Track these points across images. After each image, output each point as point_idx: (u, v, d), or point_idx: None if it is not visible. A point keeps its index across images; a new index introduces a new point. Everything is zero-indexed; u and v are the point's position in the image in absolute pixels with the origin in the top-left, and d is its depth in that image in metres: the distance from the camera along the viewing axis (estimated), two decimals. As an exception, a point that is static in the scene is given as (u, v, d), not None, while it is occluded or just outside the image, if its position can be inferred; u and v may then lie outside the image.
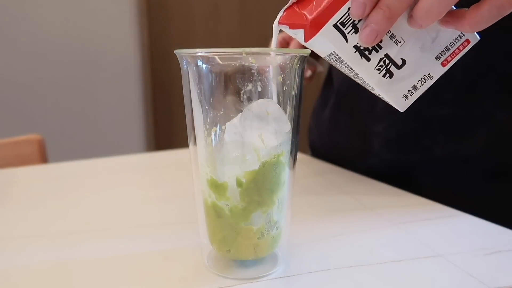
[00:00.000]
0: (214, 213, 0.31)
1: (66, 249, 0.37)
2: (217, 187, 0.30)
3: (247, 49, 0.28)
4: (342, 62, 0.30)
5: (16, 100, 1.72)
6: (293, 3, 0.30)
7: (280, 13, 0.31)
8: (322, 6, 0.28)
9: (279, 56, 0.29)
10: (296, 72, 0.30)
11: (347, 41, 0.29)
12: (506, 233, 0.40)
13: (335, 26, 0.28)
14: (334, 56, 0.30)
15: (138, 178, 0.62)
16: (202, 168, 0.31)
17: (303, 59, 0.30)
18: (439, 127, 0.52)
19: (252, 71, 0.29)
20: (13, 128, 1.70)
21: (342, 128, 0.64)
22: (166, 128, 2.00)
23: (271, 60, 0.29)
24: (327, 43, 0.29)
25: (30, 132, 1.24)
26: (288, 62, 0.30)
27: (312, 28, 0.28)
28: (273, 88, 0.30)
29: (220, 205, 0.31)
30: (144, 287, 0.31)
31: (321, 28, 0.28)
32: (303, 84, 0.32)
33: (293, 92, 0.31)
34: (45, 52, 1.72)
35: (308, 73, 0.64)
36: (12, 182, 0.59)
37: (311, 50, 0.30)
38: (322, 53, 0.30)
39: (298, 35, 0.30)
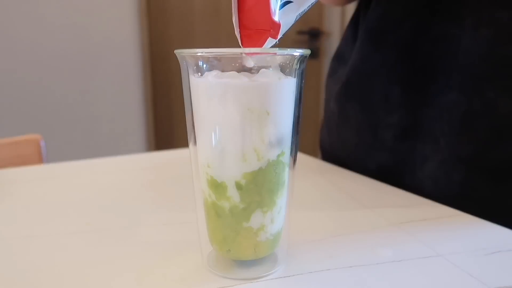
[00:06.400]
0: (214, 213, 0.31)
1: (66, 249, 0.37)
2: (217, 187, 0.30)
3: (247, 49, 0.28)
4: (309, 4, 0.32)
5: (16, 100, 1.72)
6: (240, 34, 0.30)
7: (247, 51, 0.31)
8: (263, 11, 0.29)
9: (279, 56, 0.29)
10: (296, 72, 0.30)
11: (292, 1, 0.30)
12: (506, 233, 0.40)
13: (281, 5, 0.30)
14: (300, 14, 0.32)
15: (138, 178, 0.62)
16: (202, 168, 0.31)
17: (303, 59, 0.30)
18: (446, 116, 0.49)
19: (252, 71, 0.29)
20: (13, 128, 1.70)
21: (350, 123, 0.61)
22: (166, 128, 2.00)
23: (271, 60, 0.29)
24: (290, 17, 0.31)
25: (30, 132, 1.24)
26: (288, 62, 0.30)
27: (276, 30, 0.29)
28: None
29: (220, 205, 0.31)
30: (144, 287, 0.31)
31: (278, 21, 0.29)
32: (303, 84, 0.32)
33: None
34: (45, 52, 1.72)
35: None
36: (11, 182, 0.59)
37: None
38: (292, 22, 0.32)
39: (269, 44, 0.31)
